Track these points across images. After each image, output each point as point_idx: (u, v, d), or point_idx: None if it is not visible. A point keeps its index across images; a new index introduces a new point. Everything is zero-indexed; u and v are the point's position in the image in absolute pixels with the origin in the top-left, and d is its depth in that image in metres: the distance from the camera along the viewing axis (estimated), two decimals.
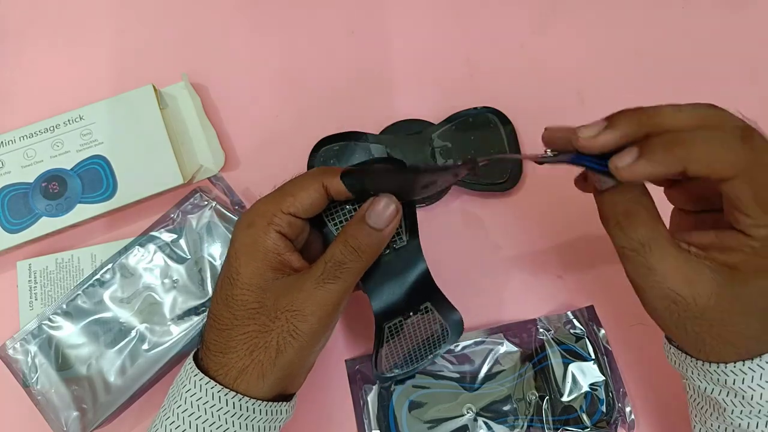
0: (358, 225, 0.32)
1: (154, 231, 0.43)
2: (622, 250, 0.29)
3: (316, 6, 0.52)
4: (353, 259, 0.31)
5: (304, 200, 0.32)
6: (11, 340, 0.41)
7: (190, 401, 0.31)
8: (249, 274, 0.31)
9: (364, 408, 0.42)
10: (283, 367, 0.31)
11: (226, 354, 0.31)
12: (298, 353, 0.31)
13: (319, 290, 0.31)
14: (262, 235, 0.32)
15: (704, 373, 0.31)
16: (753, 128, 0.27)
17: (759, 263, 0.28)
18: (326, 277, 0.31)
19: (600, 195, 0.30)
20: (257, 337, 0.31)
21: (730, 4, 0.52)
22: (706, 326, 0.29)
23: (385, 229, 0.31)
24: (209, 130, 0.47)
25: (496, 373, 0.42)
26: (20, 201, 0.45)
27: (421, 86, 0.50)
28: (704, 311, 0.28)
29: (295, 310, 0.30)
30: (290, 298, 0.31)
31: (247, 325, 0.31)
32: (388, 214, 0.31)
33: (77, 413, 0.40)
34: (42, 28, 0.52)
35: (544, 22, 0.52)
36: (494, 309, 0.45)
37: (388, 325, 0.35)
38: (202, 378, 0.31)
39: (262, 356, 0.31)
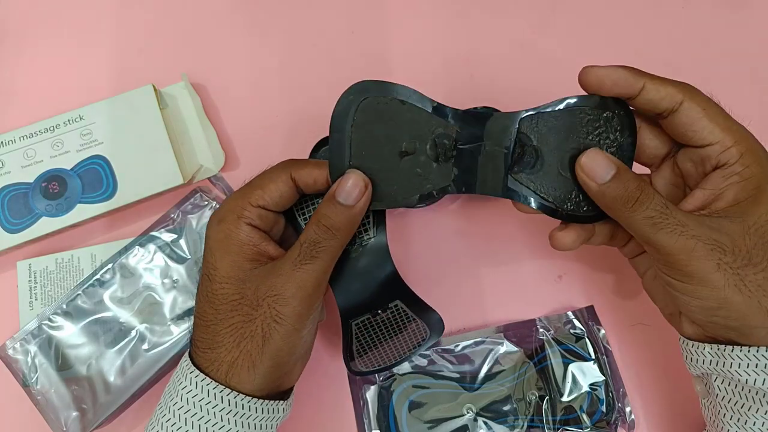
0: (328, 204, 0.32)
1: (154, 231, 0.43)
2: (652, 219, 0.29)
3: (316, 6, 0.52)
4: (327, 237, 0.31)
5: (273, 192, 0.32)
6: (11, 340, 0.41)
7: (186, 398, 0.31)
8: (226, 268, 0.32)
9: (364, 408, 0.42)
10: (272, 355, 0.31)
11: (214, 349, 0.31)
12: (285, 339, 0.31)
13: (297, 272, 0.31)
14: (234, 229, 0.32)
15: (756, 361, 0.29)
16: None
17: (752, 185, 0.29)
18: (303, 258, 0.31)
19: (610, 183, 0.30)
20: (242, 327, 0.31)
21: (730, 4, 0.52)
22: (762, 271, 0.28)
23: (356, 205, 0.32)
24: (209, 130, 0.47)
25: (496, 373, 0.42)
26: (20, 201, 0.45)
27: (421, 86, 0.50)
28: (750, 253, 0.28)
29: (276, 294, 0.31)
30: (269, 283, 0.31)
31: (231, 317, 0.31)
32: (357, 190, 0.31)
33: (77, 413, 0.40)
34: (42, 28, 0.52)
35: (544, 22, 0.52)
36: (494, 309, 0.45)
37: (355, 321, 0.36)
38: (197, 375, 0.31)
39: (249, 346, 0.31)
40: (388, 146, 0.33)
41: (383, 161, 0.33)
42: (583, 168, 0.31)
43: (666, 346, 0.43)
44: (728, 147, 0.30)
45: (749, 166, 0.29)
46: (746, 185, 0.29)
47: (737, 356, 0.30)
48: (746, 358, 0.29)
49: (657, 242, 0.29)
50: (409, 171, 0.33)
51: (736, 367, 0.30)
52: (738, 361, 0.30)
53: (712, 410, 0.33)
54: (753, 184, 0.29)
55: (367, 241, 0.35)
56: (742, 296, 0.28)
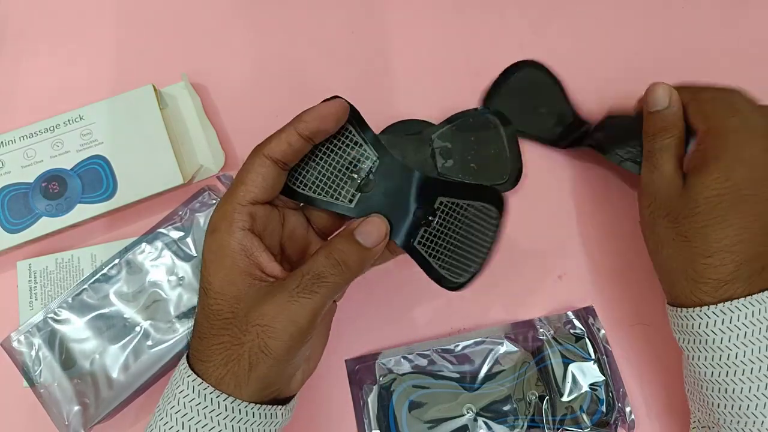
0: (345, 239, 0.30)
1: (161, 228, 0.43)
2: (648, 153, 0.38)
3: (317, 6, 0.52)
4: (335, 273, 0.30)
5: (255, 181, 0.31)
6: (16, 333, 0.41)
7: (183, 402, 0.30)
8: (219, 283, 0.30)
9: (364, 408, 0.42)
10: (258, 381, 0.30)
11: (204, 362, 0.30)
12: (272, 369, 0.30)
13: (292, 304, 0.29)
14: (227, 237, 0.30)
15: (675, 320, 0.34)
16: None
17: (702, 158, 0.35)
18: (301, 291, 0.29)
19: (650, 114, 0.39)
20: (230, 348, 0.30)
21: (730, 4, 0.52)
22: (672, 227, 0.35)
23: (374, 248, 0.31)
24: (209, 130, 0.47)
25: (496, 373, 0.42)
26: (20, 201, 0.45)
27: (421, 86, 0.50)
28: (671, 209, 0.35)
29: (265, 324, 0.29)
30: (261, 310, 0.29)
31: (222, 335, 0.30)
32: (378, 235, 0.31)
33: (79, 407, 0.40)
34: (42, 28, 0.52)
35: (544, 22, 0.52)
36: (494, 309, 0.45)
37: (416, 242, 0.33)
38: (195, 379, 0.30)
39: (236, 368, 0.30)
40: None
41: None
42: (647, 92, 0.39)
43: (666, 346, 0.43)
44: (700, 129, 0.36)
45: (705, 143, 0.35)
46: (699, 154, 0.35)
47: (670, 315, 0.37)
48: (673, 317, 0.36)
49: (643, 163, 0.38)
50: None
51: (672, 326, 0.37)
52: (671, 320, 0.37)
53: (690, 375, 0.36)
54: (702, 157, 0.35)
55: (374, 165, 0.33)
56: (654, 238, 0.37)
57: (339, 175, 0.33)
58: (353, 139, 0.33)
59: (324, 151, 0.33)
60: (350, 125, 0.33)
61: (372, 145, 0.33)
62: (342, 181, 0.33)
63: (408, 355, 0.43)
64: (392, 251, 0.36)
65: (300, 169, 0.33)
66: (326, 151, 0.33)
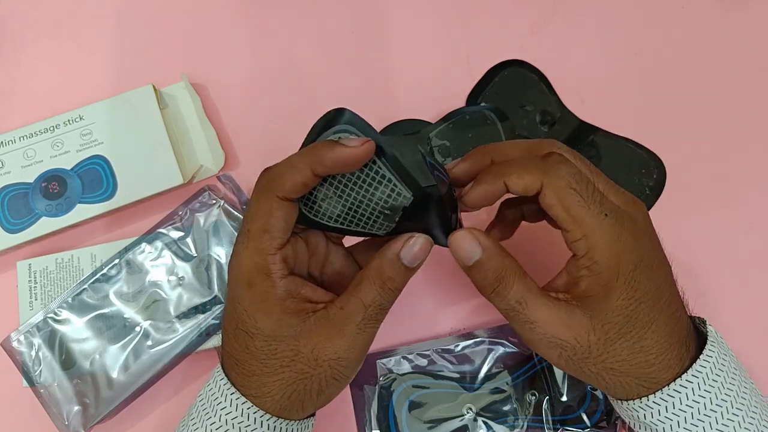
0: (393, 265, 0.30)
1: (161, 228, 0.43)
2: (506, 312, 0.31)
3: (316, 6, 0.52)
4: (392, 300, 0.31)
5: (278, 226, 0.30)
6: (16, 332, 0.41)
7: (224, 419, 0.30)
8: (271, 327, 0.30)
9: (364, 408, 0.42)
10: (322, 402, 0.31)
11: (258, 397, 0.30)
12: (339, 389, 0.31)
13: (361, 336, 0.30)
14: (270, 289, 0.30)
15: (622, 411, 0.32)
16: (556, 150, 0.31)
17: (601, 281, 0.29)
18: (368, 323, 0.30)
19: (470, 270, 0.31)
20: (295, 383, 0.30)
21: (730, 4, 0.52)
22: (599, 364, 0.29)
23: (418, 266, 0.31)
24: (209, 130, 0.47)
25: (496, 373, 0.42)
26: (20, 201, 0.45)
27: (421, 86, 0.50)
28: (590, 349, 0.29)
29: (340, 357, 0.30)
30: (333, 347, 0.30)
31: (282, 372, 0.30)
32: (424, 255, 0.31)
33: (79, 407, 0.40)
34: (42, 28, 0.52)
35: (544, 22, 0.52)
36: (495, 309, 0.45)
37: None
38: (237, 396, 0.30)
39: (302, 396, 0.30)
40: None
41: None
42: (451, 247, 0.31)
43: None
44: (577, 239, 0.29)
45: (597, 262, 0.29)
46: (595, 281, 0.29)
47: (613, 402, 0.33)
48: (616, 405, 0.33)
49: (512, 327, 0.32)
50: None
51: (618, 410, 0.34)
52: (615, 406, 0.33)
53: None
54: (601, 280, 0.29)
55: (406, 202, 0.30)
56: (584, 376, 0.30)
57: (370, 210, 0.31)
58: (380, 173, 0.30)
59: (347, 184, 0.30)
60: (375, 156, 0.30)
61: (403, 182, 0.30)
62: (375, 217, 0.31)
63: (408, 355, 0.43)
64: None
65: (325, 204, 0.31)
66: (351, 185, 0.30)
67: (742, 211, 0.47)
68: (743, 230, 0.47)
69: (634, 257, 0.29)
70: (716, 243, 0.47)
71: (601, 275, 0.29)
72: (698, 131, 0.49)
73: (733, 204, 0.47)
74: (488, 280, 0.30)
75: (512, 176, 0.30)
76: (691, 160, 0.48)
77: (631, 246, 0.29)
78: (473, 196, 0.32)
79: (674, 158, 0.47)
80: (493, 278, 0.30)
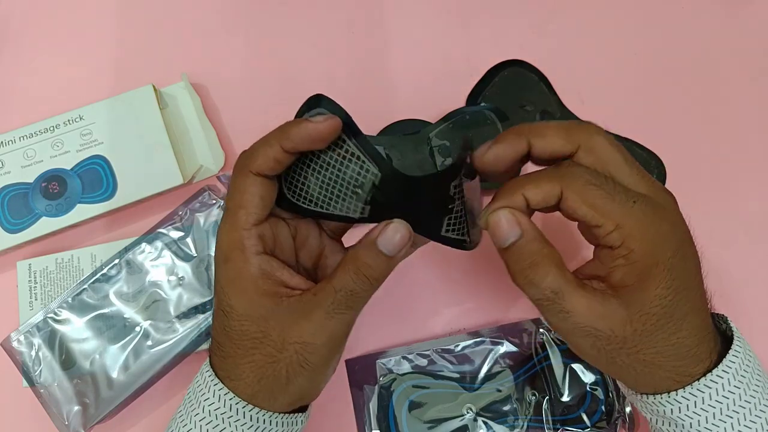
0: (370, 251, 0.30)
1: (161, 228, 0.43)
2: (539, 302, 0.30)
3: (316, 6, 0.52)
4: (366, 288, 0.30)
5: (254, 202, 0.30)
6: (16, 332, 0.41)
7: (209, 410, 0.30)
8: (244, 306, 0.30)
9: (364, 408, 0.42)
10: (293, 393, 0.31)
11: (233, 380, 0.31)
12: (309, 381, 0.31)
13: (330, 321, 0.29)
14: (243, 265, 0.30)
15: (645, 406, 0.31)
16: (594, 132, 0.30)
17: (637, 270, 0.28)
18: (337, 308, 0.29)
19: (505, 252, 0.30)
20: (264, 366, 0.30)
21: (731, 4, 0.52)
22: (633, 355, 0.29)
23: (398, 255, 0.30)
24: (209, 130, 0.47)
25: (496, 373, 0.42)
26: (20, 201, 0.45)
27: (421, 86, 0.50)
28: (625, 340, 0.29)
29: (305, 342, 0.29)
30: (299, 330, 0.29)
31: (252, 354, 0.30)
32: (401, 241, 0.29)
33: (79, 407, 0.40)
34: (42, 28, 0.52)
35: (544, 22, 0.52)
36: (494, 309, 0.45)
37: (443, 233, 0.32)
38: (222, 389, 0.30)
39: (271, 384, 0.30)
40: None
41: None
42: (488, 226, 0.30)
43: None
44: (610, 231, 0.28)
45: (633, 251, 0.28)
46: (631, 270, 0.28)
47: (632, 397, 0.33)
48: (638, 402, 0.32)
49: (543, 316, 0.31)
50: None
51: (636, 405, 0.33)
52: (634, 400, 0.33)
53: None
54: (638, 269, 0.28)
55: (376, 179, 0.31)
56: (613, 368, 0.30)
57: (343, 190, 0.32)
58: (350, 151, 0.31)
59: (321, 165, 0.31)
60: (344, 134, 0.31)
61: (371, 158, 0.31)
62: (347, 197, 0.32)
63: (408, 355, 0.43)
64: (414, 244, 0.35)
65: (301, 185, 0.32)
66: (324, 165, 0.31)
67: (742, 210, 0.47)
68: (743, 230, 0.47)
69: (672, 244, 0.28)
70: (716, 242, 0.46)
71: (638, 264, 0.28)
72: (698, 131, 0.49)
73: (733, 204, 0.47)
74: (522, 266, 0.29)
75: (530, 188, 0.29)
76: (691, 160, 0.48)
77: (668, 233, 0.29)
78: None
79: (674, 158, 0.47)
80: (528, 264, 0.29)
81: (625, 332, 0.28)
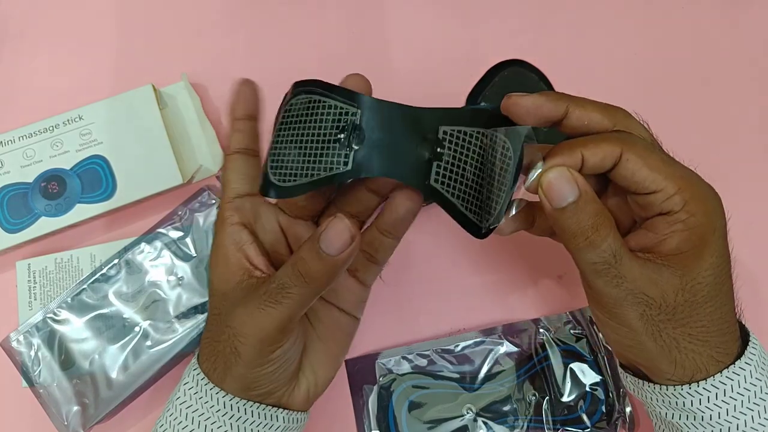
0: (308, 248, 0.28)
1: (160, 228, 0.43)
2: (594, 266, 0.28)
3: (316, 6, 0.52)
4: (298, 283, 0.28)
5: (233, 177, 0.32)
6: (15, 332, 0.41)
7: (186, 392, 0.31)
8: (215, 280, 0.31)
9: (364, 408, 0.42)
10: (237, 379, 0.30)
11: (200, 353, 0.32)
12: (246, 371, 0.29)
13: (259, 312, 0.28)
14: (221, 235, 0.31)
15: (663, 398, 0.30)
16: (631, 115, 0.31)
17: (696, 236, 0.28)
18: (267, 299, 0.28)
19: (563, 213, 0.28)
20: (212, 344, 0.30)
21: (731, 4, 0.52)
22: (680, 328, 0.28)
23: (338, 256, 0.27)
24: (209, 130, 0.47)
25: (496, 373, 0.42)
26: (19, 201, 0.44)
27: (421, 86, 0.50)
28: (675, 310, 0.28)
29: (235, 327, 0.29)
30: (234, 314, 0.29)
31: (210, 330, 0.31)
32: (342, 241, 0.27)
33: (78, 408, 0.40)
34: (42, 28, 0.52)
35: (544, 22, 0.52)
36: (494, 309, 0.45)
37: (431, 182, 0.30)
38: (197, 370, 0.31)
39: (217, 363, 0.30)
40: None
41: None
42: (542, 184, 0.28)
43: None
44: (671, 195, 0.28)
45: (694, 214, 0.28)
46: (690, 235, 0.28)
47: (648, 390, 0.31)
48: (655, 394, 0.31)
49: (592, 284, 0.29)
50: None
51: (649, 399, 0.31)
52: (650, 395, 0.31)
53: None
54: (696, 234, 0.28)
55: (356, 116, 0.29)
56: (656, 345, 0.29)
57: (325, 143, 0.29)
58: (324, 104, 0.29)
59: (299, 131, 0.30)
60: (314, 95, 0.30)
61: (346, 99, 0.29)
62: (329, 150, 0.29)
63: (408, 355, 0.43)
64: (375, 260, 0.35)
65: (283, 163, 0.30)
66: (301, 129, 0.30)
67: (742, 210, 0.47)
68: (743, 230, 0.47)
69: (723, 213, 0.29)
70: None
71: (697, 229, 0.28)
72: (698, 131, 0.49)
73: (733, 204, 0.47)
74: (583, 227, 0.27)
75: (590, 147, 0.28)
76: (691, 160, 0.47)
77: (719, 202, 0.29)
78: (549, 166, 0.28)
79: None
80: (590, 225, 0.27)
81: (676, 301, 0.28)
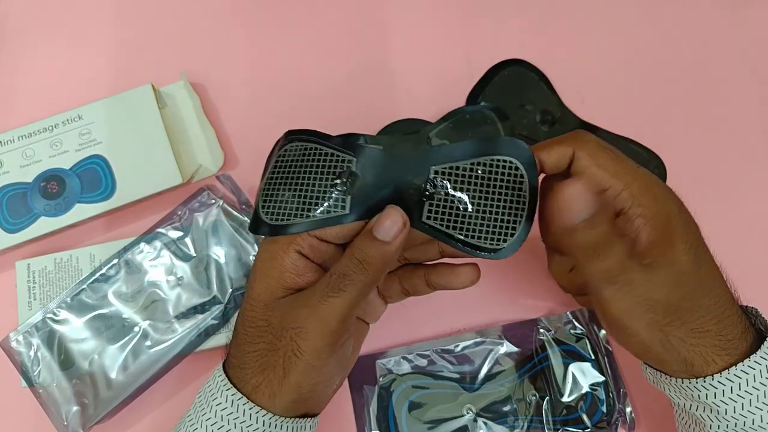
0: (364, 236, 0.30)
1: (160, 228, 0.43)
2: (607, 273, 0.30)
3: (316, 5, 0.52)
4: (357, 270, 0.30)
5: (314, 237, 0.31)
6: (15, 333, 0.41)
7: (218, 413, 0.31)
8: (259, 290, 0.31)
9: (364, 408, 0.42)
10: (291, 390, 0.30)
11: (242, 368, 0.31)
12: (304, 374, 0.30)
13: (322, 305, 0.29)
14: (281, 253, 0.31)
15: (682, 390, 0.31)
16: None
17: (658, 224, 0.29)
18: (330, 291, 0.30)
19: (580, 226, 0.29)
20: (266, 355, 0.30)
21: (730, 4, 0.52)
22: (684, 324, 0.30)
23: (393, 242, 0.30)
24: (208, 129, 0.47)
25: (496, 373, 0.42)
26: (19, 201, 0.44)
27: (421, 86, 0.50)
28: (678, 308, 0.30)
29: (298, 326, 0.30)
30: (295, 314, 0.30)
31: (257, 342, 0.31)
32: (396, 228, 0.30)
33: (78, 408, 0.40)
34: (41, 27, 0.52)
35: (544, 22, 0.52)
36: (494, 309, 0.45)
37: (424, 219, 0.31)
38: (230, 389, 0.31)
39: (271, 375, 0.30)
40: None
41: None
42: (559, 200, 0.30)
43: None
44: (619, 191, 0.30)
45: (647, 205, 0.29)
46: (654, 224, 0.29)
47: (665, 382, 0.32)
48: (672, 386, 0.32)
49: (603, 296, 0.30)
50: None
51: (668, 391, 0.33)
52: (668, 387, 0.33)
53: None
54: (659, 221, 0.29)
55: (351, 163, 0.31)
56: (665, 350, 0.30)
57: (321, 187, 0.31)
58: (320, 151, 0.31)
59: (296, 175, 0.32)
60: (311, 144, 0.32)
61: (342, 148, 0.31)
62: (328, 192, 0.31)
63: (408, 355, 0.43)
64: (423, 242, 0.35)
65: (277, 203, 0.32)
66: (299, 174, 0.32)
67: (742, 210, 0.47)
68: (744, 230, 0.47)
69: (675, 201, 0.31)
70: (716, 243, 0.46)
71: (656, 217, 0.29)
72: (698, 131, 0.49)
73: (733, 203, 0.47)
74: (597, 239, 0.30)
75: (544, 150, 0.31)
76: (691, 160, 0.48)
77: (668, 192, 0.31)
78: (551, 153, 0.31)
79: (674, 158, 0.47)
80: (608, 231, 0.30)
81: (677, 296, 0.29)
